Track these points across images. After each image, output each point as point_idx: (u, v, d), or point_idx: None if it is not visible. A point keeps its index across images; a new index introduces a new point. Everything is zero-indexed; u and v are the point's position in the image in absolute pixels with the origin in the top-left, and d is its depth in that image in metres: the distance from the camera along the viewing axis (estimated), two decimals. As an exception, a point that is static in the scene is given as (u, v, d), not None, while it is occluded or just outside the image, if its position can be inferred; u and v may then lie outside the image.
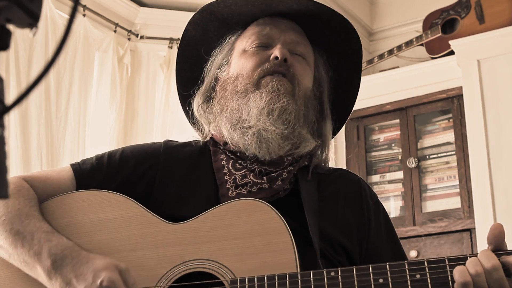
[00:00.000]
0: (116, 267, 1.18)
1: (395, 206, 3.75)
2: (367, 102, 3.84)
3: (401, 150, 3.79)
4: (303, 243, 1.26)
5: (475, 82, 3.46)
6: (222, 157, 1.43)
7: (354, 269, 1.15)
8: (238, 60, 1.46)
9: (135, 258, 1.28)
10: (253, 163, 1.39)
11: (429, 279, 1.11)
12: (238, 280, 1.19)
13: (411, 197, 3.66)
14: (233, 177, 1.38)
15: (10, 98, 2.86)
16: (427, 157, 3.72)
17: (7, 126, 2.67)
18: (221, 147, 1.45)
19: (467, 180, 3.50)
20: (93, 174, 1.41)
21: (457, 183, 3.56)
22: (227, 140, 1.41)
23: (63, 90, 3.31)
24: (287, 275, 1.16)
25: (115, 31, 3.70)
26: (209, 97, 1.50)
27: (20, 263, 1.26)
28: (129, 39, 3.82)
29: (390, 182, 3.81)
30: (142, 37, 3.90)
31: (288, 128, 1.37)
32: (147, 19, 3.93)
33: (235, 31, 1.52)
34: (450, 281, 1.10)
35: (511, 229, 1.40)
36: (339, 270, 1.15)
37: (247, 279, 1.19)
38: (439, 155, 3.69)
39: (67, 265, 1.20)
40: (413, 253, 3.51)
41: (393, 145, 3.86)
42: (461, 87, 3.57)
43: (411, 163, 3.69)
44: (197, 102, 1.50)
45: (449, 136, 3.67)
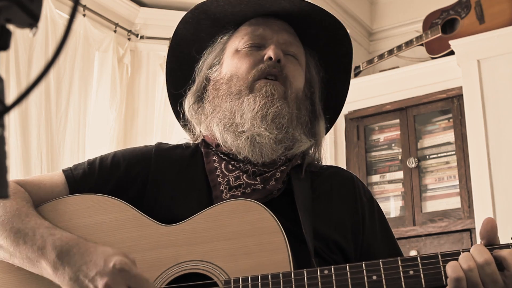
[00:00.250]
0: (124, 254, 1.19)
1: (395, 206, 3.74)
2: (367, 102, 3.83)
3: (401, 150, 3.79)
4: (296, 242, 1.26)
5: (475, 82, 3.46)
6: (214, 158, 1.42)
7: (347, 266, 1.15)
8: (231, 60, 1.45)
9: None
10: (246, 164, 1.39)
11: (422, 275, 1.11)
12: (232, 280, 1.19)
13: (411, 197, 3.65)
14: (226, 179, 1.37)
15: (10, 98, 2.86)
16: (427, 157, 3.71)
17: (7, 126, 2.67)
18: (213, 149, 1.44)
19: (467, 180, 3.50)
20: (86, 179, 1.41)
21: (457, 183, 3.56)
22: (219, 142, 1.41)
23: (63, 90, 3.31)
24: (281, 274, 1.16)
25: (115, 31, 3.71)
26: (200, 97, 1.49)
27: (22, 260, 1.25)
28: (129, 39, 3.82)
29: (390, 182, 3.80)
30: (142, 37, 3.90)
31: (281, 132, 1.36)
32: (147, 19, 3.93)
33: (227, 31, 1.51)
34: (443, 276, 1.10)
35: (511, 229, 1.40)
36: (332, 268, 1.15)
37: (240, 279, 1.19)
38: (439, 155, 3.68)
39: (74, 255, 1.20)
40: (413, 253, 3.50)
41: (393, 145, 3.86)
42: (461, 87, 3.56)
43: (411, 163, 3.69)
44: (189, 102, 1.50)
45: (449, 136, 3.67)
